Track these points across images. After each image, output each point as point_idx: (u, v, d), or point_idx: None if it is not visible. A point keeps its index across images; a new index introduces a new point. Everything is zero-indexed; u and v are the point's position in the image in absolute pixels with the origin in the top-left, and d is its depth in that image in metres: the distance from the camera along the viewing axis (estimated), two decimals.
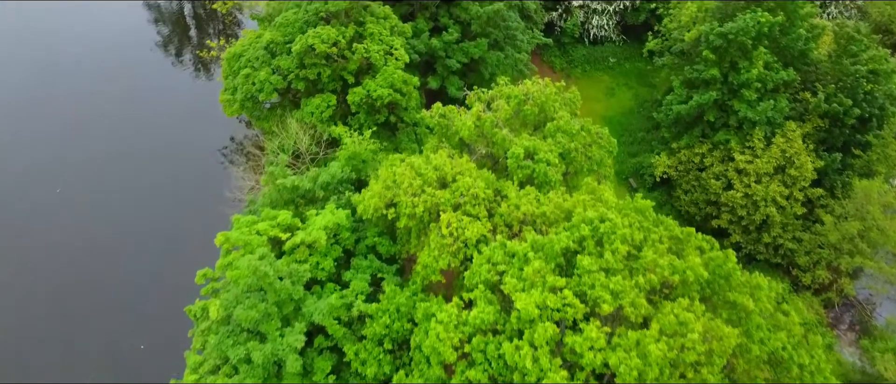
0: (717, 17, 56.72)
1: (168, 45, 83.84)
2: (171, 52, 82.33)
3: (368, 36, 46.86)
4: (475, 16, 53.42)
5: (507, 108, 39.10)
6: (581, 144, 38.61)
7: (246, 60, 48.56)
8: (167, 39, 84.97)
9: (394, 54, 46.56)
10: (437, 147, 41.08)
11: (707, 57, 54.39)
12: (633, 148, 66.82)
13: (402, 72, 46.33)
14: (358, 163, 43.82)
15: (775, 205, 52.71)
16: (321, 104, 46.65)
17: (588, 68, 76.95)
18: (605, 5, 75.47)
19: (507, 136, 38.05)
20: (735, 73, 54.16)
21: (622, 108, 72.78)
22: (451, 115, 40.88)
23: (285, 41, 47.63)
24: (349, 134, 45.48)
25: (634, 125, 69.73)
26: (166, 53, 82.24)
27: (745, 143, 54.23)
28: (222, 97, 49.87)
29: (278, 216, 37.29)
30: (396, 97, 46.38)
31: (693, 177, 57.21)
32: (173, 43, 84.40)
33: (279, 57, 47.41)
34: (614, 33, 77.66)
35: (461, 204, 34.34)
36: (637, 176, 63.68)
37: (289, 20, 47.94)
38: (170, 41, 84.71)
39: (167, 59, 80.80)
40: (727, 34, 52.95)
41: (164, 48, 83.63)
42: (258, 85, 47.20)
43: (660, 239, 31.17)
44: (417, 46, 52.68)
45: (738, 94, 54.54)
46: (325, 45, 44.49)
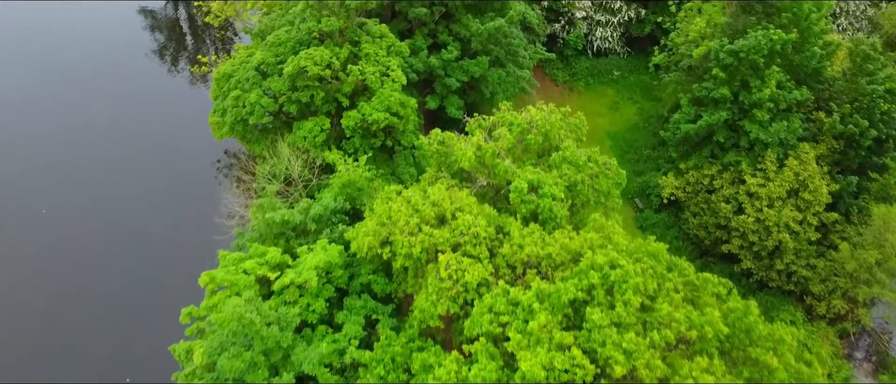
0: (727, 33, 54.57)
1: (164, 52, 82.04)
2: (167, 60, 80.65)
3: (364, 56, 44.69)
4: (475, 33, 51.28)
5: (509, 137, 36.95)
6: (588, 176, 36.43)
7: (236, 81, 46.39)
8: (163, 47, 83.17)
9: (390, 75, 44.39)
10: (435, 176, 38.95)
11: (717, 75, 52.26)
12: (639, 166, 64.68)
13: (399, 94, 44.18)
14: (353, 191, 41.69)
15: (788, 230, 50.58)
16: (314, 128, 44.49)
17: (591, 81, 74.81)
18: (610, 17, 73.33)
19: (509, 168, 35.89)
20: (746, 93, 52.03)
21: (627, 123, 70.65)
22: (450, 143, 38.71)
23: (277, 62, 45.47)
24: (343, 160, 43.35)
25: (640, 142, 67.59)
26: (162, 61, 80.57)
27: (756, 165, 52.08)
28: (211, 119, 47.72)
29: (267, 253, 35.14)
30: (393, 121, 44.23)
31: (702, 199, 55.07)
32: (169, 50, 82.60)
33: (270, 78, 45.25)
34: (619, 45, 75.54)
35: (461, 244, 32.19)
36: (643, 196, 61.55)
37: (281, 39, 45.79)
38: (166, 48, 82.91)
39: (162, 66, 78.97)
40: (738, 52, 50.81)
41: (160, 55, 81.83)
42: (248, 108, 45.04)
43: (675, 287, 29.00)
44: (415, 65, 50.52)
45: (749, 114, 52.42)
46: (317, 67, 42.33)
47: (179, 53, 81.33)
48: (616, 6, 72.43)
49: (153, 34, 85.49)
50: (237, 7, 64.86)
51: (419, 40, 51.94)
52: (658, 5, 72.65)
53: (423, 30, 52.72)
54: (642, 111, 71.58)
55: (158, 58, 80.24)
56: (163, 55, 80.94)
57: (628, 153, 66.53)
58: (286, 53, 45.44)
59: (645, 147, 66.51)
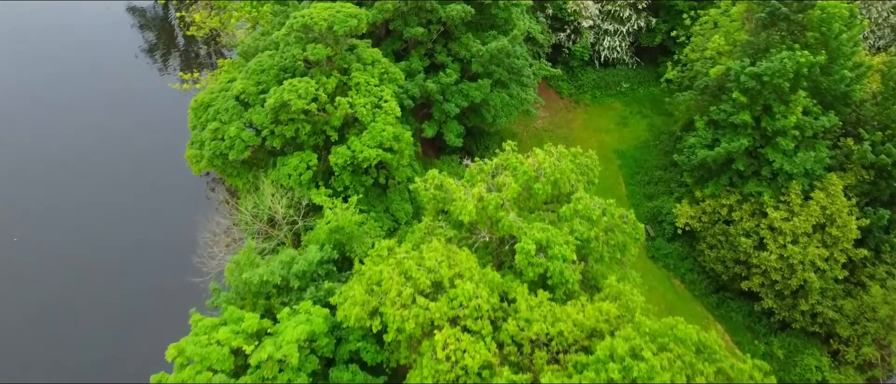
0: (747, 52, 50.53)
1: (154, 51, 78.19)
2: (158, 59, 76.87)
3: (354, 86, 40.69)
4: (476, 54, 47.23)
5: (514, 186, 33.09)
6: (602, 231, 32.60)
7: (214, 112, 42.41)
8: (153, 46, 79.27)
9: (383, 107, 40.42)
10: (431, 227, 35.12)
11: (737, 99, 48.28)
12: (650, 188, 60.80)
13: (392, 127, 40.26)
14: (342, 237, 37.90)
15: (813, 268, 46.86)
16: (300, 165, 40.59)
17: (598, 94, 70.79)
18: (618, 26, 69.17)
19: (514, 223, 32.06)
20: (769, 118, 48.07)
21: (636, 139, 66.69)
22: (447, 187, 34.85)
23: (259, 91, 41.50)
24: (331, 203, 39.52)
25: (650, 161, 63.66)
26: (152, 59, 76.86)
27: (779, 197, 48.25)
28: (189, 152, 43.77)
29: (244, 319, 31.38)
30: (386, 156, 40.32)
31: (719, 230, 51.24)
32: (159, 48, 78.73)
33: (252, 109, 41.30)
34: (627, 55, 71.42)
35: (460, 317, 28.43)
36: (655, 222, 57.71)
37: (263, 65, 41.75)
38: (156, 48, 79.03)
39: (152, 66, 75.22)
40: (761, 75, 46.80)
41: (150, 54, 77.98)
42: (228, 142, 41.13)
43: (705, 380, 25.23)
44: (411, 90, 46.53)
45: (772, 142, 48.50)
46: (302, 100, 38.35)
47: (169, 53, 77.60)
48: (625, 15, 68.26)
49: (143, 33, 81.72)
50: (222, 18, 60.73)
51: (415, 62, 47.91)
52: (670, 14, 68.52)
53: (419, 50, 48.68)
54: (652, 127, 67.60)
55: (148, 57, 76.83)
56: (153, 55, 77.48)
57: (638, 173, 62.63)
58: (269, 82, 41.45)
59: (656, 167, 62.57)
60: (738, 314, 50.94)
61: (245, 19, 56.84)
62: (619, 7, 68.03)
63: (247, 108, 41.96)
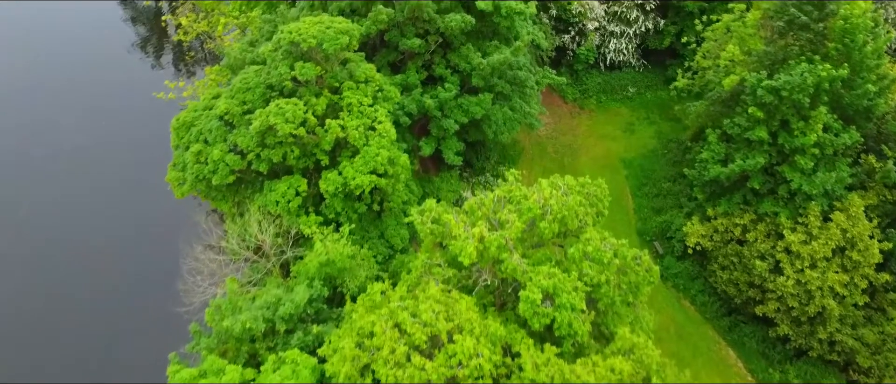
0: (764, 63, 47.69)
1: (146, 45, 75.35)
2: (150, 53, 74.11)
3: (345, 107, 37.95)
4: (477, 67, 44.44)
5: (518, 225, 30.49)
6: (613, 273, 30.05)
7: (197, 132, 39.71)
8: (145, 40, 76.42)
9: (377, 129, 37.72)
10: (428, 265, 32.57)
11: (753, 114, 45.55)
12: (658, 202, 58.15)
13: (387, 151, 37.59)
14: (333, 271, 35.38)
15: (833, 293, 44.40)
16: (288, 191, 37.95)
17: (604, 99, 68.01)
18: (625, 28, 66.24)
19: (518, 267, 29.50)
20: (787, 135, 45.39)
21: (643, 147, 63.96)
22: (446, 221, 32.25)
23: (244, 111, 38.76)
24: (321, 234, 36.93)
25: (658, 171, 60.98)
26: (144, 54, 74.15)
27: (797, 219, 45.67)
28: (170, 174, 41.09)
29: (225, 372, 28.92)
30: (380, 183, 37.67)
31: (732, 250, 48.69)
32: (151, 42, 75.90)
33: (237, 131, 38.59)
34: (634, 58, 68.53)
35: (459, 378, 25.94)
36: (664, 239, 55.15)
37: (249, 83, 38.98)
38: (148, 41, 76.20)
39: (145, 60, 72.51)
40: (779, 89, 44.06)
41: (142, 49, 75.17)
42: (211, 165, 38.47)
43: None
44: (407, 106, 43.77)
45: (789, 159, 45.85)
46: (289, 125, 35.65)
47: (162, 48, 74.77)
48: (632, 16, 65.32)
49: (135, 27, 78.76)
50: (210, 21, 57.82)
51: (412, 76, 45.12)
52: (679, 15, 65.58)
53: (416, 62, 45.87)
54: (660, 134, 64.87)
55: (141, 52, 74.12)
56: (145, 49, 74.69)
57: (646, 185, 59.99)
58: (255, 101, 38.72)
59: (664, 178, 59.89)
60: (752, 339, 48.51)
61: (234, 24, 53.96)
62: (625, 8, 65.12)
63: (231, 129, 39.27)
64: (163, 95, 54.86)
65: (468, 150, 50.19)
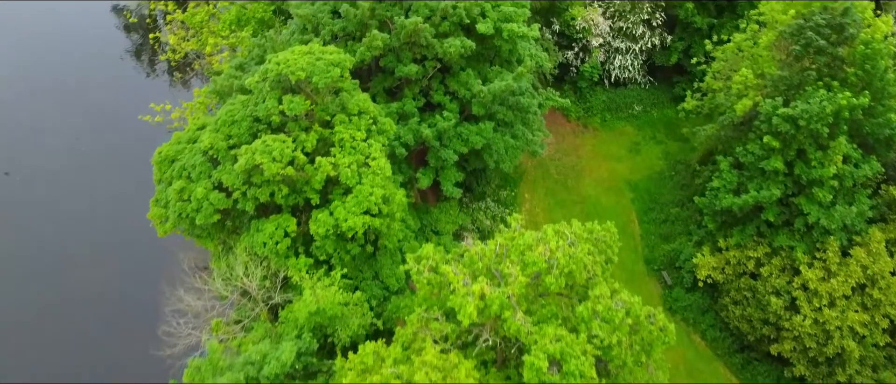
0: (779, 89, 45.34)
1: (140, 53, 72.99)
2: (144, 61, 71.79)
3: (337, 143, 35.60)
4: (477, 94, 42.09)
5: (522, 279, 28.18)
6: (625, 334, 27.74)
7: (180, 168, 37.38)
8: (140, 48, 74.00)
9: (371, 166, 35.38)
10: (425, 320, 30.25)
11: (769, 144, 43.23)
12: (666, 228, 55.81)
13: (381, 189, 35.26)
14: (323, 320, 33.08)
15: (852, 334, 42.17)
16: (276, 232, 35.62)
17: (608, 117, 65.63)
18: (631, 44, 63.85)
19: (522, 328, 27.20)
20: (804, 165, 43.08)
21: (650, 169, 61.60)
22: (444, 272, 29.93)
23: (229, 146, 36.42)
24: (311, 281, 34.61)
25: (665, 195, 58.64)
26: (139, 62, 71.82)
27: (814, 254, 43.39)
28: (153, 210, 38.75)
29: None
30: (375, 223, 35.35)
31: (744, 284, 46.39)
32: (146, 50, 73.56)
33: (222, 167, 36.25)
34: (640, 75, 66.13)
35: None
36: (672, 268, 52.82)
37: (235, 116, 36.63)
38: (143, 49, 73.82)
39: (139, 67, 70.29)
40: (797, 119, 41.76)
41: (137, 57, 72.72)
42: (194, 204, 36.13)
43: None
44: (404, 136, 41.41)
45: (806, 191, 43.54)
46: (276, 164, 33.33)
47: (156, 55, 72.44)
48: (638, 32, 62.95)
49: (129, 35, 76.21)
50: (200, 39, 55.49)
51: (408, 103, 42.78)
52: (686, 31, 63.22)
53: (413, 88, 43.53)
54: (667, 155, 62.52)
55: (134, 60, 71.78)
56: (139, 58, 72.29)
57: (652, 210, 57.64)
58: (241, 135, 36.37)
59: (672, 203, 57.55)
60: (766, 379, 46.27)
61: (223, 44, 51.66)
62: (631, 24, 62.73)
63: (216, 164, 36.91)
64: (149, 118, 52.47)
65: (467, 174, 47.85)
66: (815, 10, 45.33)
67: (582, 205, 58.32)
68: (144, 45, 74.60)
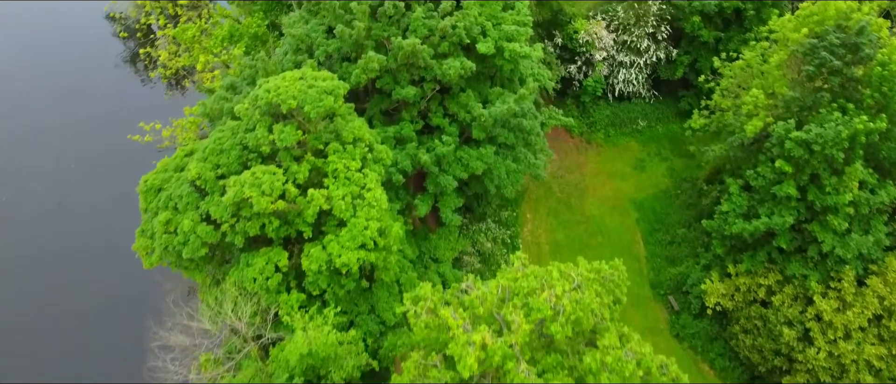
0: (791, 110, 43.65)
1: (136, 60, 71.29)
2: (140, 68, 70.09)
3: (331, 173, 33.87)
4: (478, 117, 40.39)
5: (525, 327, 26.50)
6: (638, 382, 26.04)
7: (166, 198, 35.67)
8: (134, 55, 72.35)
9: (366, 197, 33.66)
10: (423, 368, 28.54)
11: (781, 168, 41.53)
12: (672, 250, 54.11)
13: (377, 221, 33.55)
14: (316, 361, 31.39)
15: (869, 366, 40.48)
16: (266, 268, 33.89)
17: (612, 132, 63.92)
18: (635, 58, 62.15)
19: (526, 380, 25.48)
20: (817, 191, 41.38)
21: (655, 187, 59.90)
22: (443, 316, 28.25)
23: (218, 176, 34.70)
24: (303, 318, 32.91)
25: (671, 215, 56.93)
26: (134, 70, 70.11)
27: (828, 283, 41.69)
28: (138, 242, 37.02)
29: None
30: (370, 257, 33.62)
31: (755, 313, 44.70)
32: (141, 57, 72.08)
33: (210, 198, 34.53)
34: (644, 89, 64.41)
35: None
36: (679, 293, 51.11)
37: (223, 144, 34.90)
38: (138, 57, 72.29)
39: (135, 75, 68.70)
40: (810, 143, 40.05)
41: (133, 63, 70.98)
42: (181, 237, 34.43)
43: None
44: (401, 162, 39.68)
45: (820, 217, 41.84)
46: (266, 198, 31.61)
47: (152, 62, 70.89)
48: (643, 46, 61.23)
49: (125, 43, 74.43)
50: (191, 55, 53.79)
51: (406, 127, 41.07)
52: (692, 45, 61.50)
53: (411, 110, 41.80)
54: (673, 172, 60.80)
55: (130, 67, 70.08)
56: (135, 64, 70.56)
57: (658, 230, 55.92)
58: (230, 165, 34.65)
59: (678, 223, 55.85)
60: None
61: (215, 62, 49.97)
62: (636, 37, 61.01)
63: (204, 195, 35.18)
64: (138, 138, 50.74)
65: (468, 197, 46.16)
66: (829, 28, 43.66)
67: (585, 225, 56.63)
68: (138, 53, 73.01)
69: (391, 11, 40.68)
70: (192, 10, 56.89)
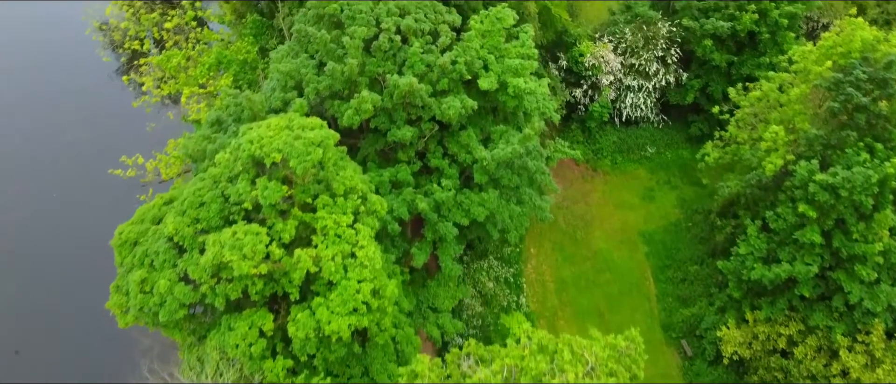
0: (815, 149, 40.87)
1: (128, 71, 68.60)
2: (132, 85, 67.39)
3: (320, 230, 31.06)
4: (480, 160, 37.58)
5: None
6: None
7: (142, 254, 32.84)
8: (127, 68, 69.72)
9: (358, 256, 30.85)
10: None
11: (805, 213, 38.75)
12: (685, 289, 51.27)
13: (371, 282, 30.75)
14: None
15: None
16: (249, 333, 31.03)
17: (619, 159, 61.11)
18: (644, 82, 59.35)
19: None
20: (844, 237, 38.64)
21: (665, 218, 57.05)
22: None
23: (197, 231, 31.89)
24: None
25: (683, 250, 54.05)
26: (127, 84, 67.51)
27: (855, 336, 38.94)
28: (113, 298, 34.08)
29: None
30: (363, 322, 30.79)
31: (775, 364, 41.98)
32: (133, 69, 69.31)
33: (188, 255, 31.73)
34: (652, 113, 61.61)
35: None
36: (692, 336, 48.30)
37: (203, 196, 32.04)
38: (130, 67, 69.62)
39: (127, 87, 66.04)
40: (837, 188, 37.29)
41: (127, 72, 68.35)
42: (157, 298, 31.61)
43: None
44: (397, 210, 36.88)
45: (846, 265, 39.07)
46: (247, 262, 28.82)
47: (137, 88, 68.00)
48: (652, 69, 58.45)
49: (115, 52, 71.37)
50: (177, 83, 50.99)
51: (403, 171, 38.26)
52: (703, 68, 58.70)
53: (408, 151, 39.00)
54: (683, 202, 57.97)
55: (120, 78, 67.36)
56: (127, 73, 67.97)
57: (669, 267, 53.07)
58: (210, 219, 31.82)
59: (690, 260, 53.00)
60: None
61: (200, 94, 47.19)
62: (645, 61, 58.21)
63: (182, 253, 32.37)
64: (120, 173, 47.89)
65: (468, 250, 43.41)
66: (855, 61, 40.93)
67: (592, 260, 53.83)
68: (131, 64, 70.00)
69: (386, 46, 37.93)
70: (178, 33, 53.99)
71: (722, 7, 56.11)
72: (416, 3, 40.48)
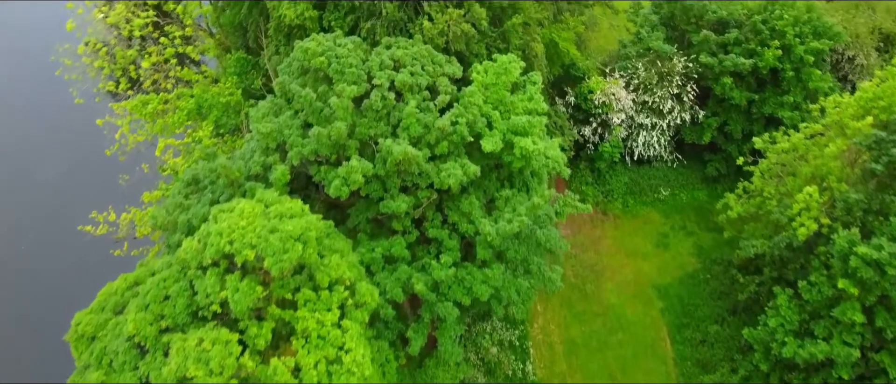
0: (855, 214, 36.93)
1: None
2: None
3: (300, 333, 27.10)
4: (483, 233, 33.58)
5: None
6: None
7: (101, 352, 28.90)
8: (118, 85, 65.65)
9: (345, 361, 26.87)
10: None
11: (846, 290, 34.82)
12: (704, 352, 47.25)
13: None
14: None
15: None
16: None
17: (631, 202, 57.19)
18: (657, 120, 55.39)
19: None
20: (888, 316, 34.73)
21: (681, 269, 53.03)
22: None
23: (160, 330, 27.92)
24: None
25: (701, 307, 50.02)
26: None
27: None
28: None
29: None
30: None
31: None
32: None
33: (151, 357, 27.77)
34: (666, 151, 57.64)
35: None
36: None
37: (168, 288, 28.09)
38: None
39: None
40: (883, 265, 33.34)
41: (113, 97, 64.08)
42: None
43: None
44: (391, 291, 32.89)
45: (891, 347, 35.17)
46: (215, 378, 24.85)
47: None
48: (666, 107, 54.49)
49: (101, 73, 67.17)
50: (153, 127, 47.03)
51: (397, 245, 34.24)
52: (721, 106, 54.77)
53: (404, 221, 35.00)
54: (700, 250, 53.99)
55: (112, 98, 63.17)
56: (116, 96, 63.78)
57: (687, 326, 49.06)
58: (177, 315, 27.87)
59: (710, 318, 48.99)
60: None
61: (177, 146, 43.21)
62: (658, 99, 54.24)
63: (144, 353, 28.38)
64: (90, 229, 43.86)
65: None
66: None
67: (603, 317, 49.87)
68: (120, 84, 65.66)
69: (379, 105, 33.93)
70: (157, 71, 50.01)
71: (742, 41, 52.22)
72: (412, 51, 36.59)
